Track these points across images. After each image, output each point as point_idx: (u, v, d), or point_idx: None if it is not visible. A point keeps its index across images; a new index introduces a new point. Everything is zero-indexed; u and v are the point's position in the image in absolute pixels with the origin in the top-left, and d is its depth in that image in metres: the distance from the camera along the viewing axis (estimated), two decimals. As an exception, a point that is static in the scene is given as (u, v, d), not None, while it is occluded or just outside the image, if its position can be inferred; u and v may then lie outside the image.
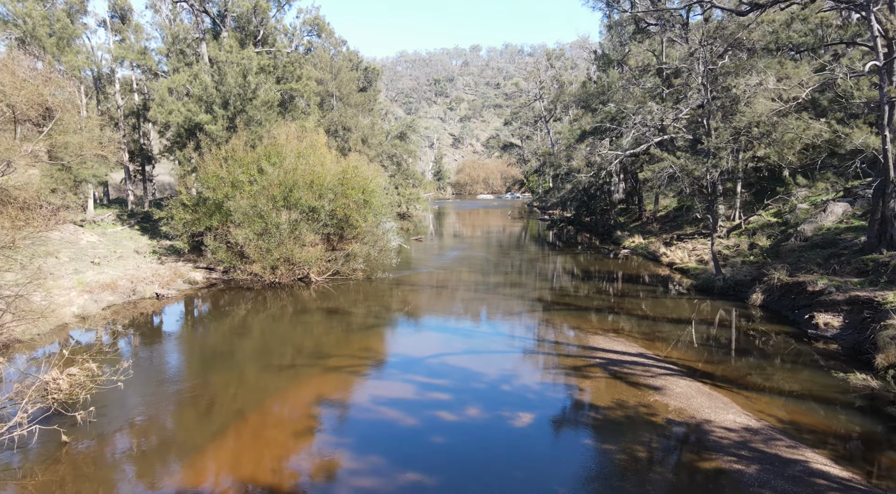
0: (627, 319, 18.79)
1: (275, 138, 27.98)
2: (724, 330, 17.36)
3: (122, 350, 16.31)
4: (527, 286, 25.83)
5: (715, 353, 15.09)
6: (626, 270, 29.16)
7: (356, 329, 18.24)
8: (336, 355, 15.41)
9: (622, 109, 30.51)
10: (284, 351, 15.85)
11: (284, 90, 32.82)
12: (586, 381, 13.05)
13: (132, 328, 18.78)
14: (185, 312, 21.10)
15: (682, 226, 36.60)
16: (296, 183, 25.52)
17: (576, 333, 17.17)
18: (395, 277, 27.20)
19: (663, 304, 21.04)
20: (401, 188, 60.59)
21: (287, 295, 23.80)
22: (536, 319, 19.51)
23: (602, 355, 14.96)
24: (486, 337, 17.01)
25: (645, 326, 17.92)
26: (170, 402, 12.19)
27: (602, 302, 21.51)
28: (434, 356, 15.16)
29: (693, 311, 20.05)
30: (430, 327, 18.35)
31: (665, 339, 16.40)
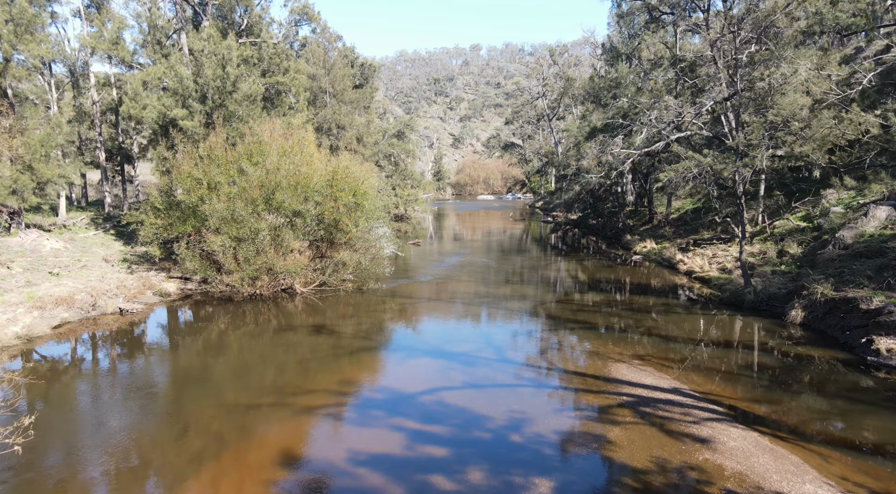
0: (651, 341, 16.37)
1: (258, 136, 25.57)
2: (766, 356, 14.93)
3: (50, 387, 13.88)
4: (533, 298, 23.41)
5: (763, 387, 12.67)
6: (641, 279, 26.74)
7: (340, 353, 15.81)
8: (313, 389, 12.98)
9: (635, 104, 28.08)
10: (252, 384, 13.43)
11: (270, 84, 30.40)
12: (614, 429, 10.62)
13: (76, 352, 16.36)
14: (147, 331, 18.68)
15: (698, 229, 34.18)
16: (279, 184, 23.09)
17: (594, 359, 14.74)
18: (390, 287, 24.78)
19: (690, 321, 18.61)
20: (398, 189, 58.24)
21: (269, 308, 21.41)
22: (547, 341, 17.08)
23: (628, 390, 12.54)
24: (491, 364, 14.58)
25: (673, 350, 15.49)
26: (88, 460, 9.77)
27: (620, 319, 19.08)
28: (429, 391, 12.74)
29: (725, 331, 17.62)
30: (426, 350, 15.93)
31: (700, 368, 13.98)
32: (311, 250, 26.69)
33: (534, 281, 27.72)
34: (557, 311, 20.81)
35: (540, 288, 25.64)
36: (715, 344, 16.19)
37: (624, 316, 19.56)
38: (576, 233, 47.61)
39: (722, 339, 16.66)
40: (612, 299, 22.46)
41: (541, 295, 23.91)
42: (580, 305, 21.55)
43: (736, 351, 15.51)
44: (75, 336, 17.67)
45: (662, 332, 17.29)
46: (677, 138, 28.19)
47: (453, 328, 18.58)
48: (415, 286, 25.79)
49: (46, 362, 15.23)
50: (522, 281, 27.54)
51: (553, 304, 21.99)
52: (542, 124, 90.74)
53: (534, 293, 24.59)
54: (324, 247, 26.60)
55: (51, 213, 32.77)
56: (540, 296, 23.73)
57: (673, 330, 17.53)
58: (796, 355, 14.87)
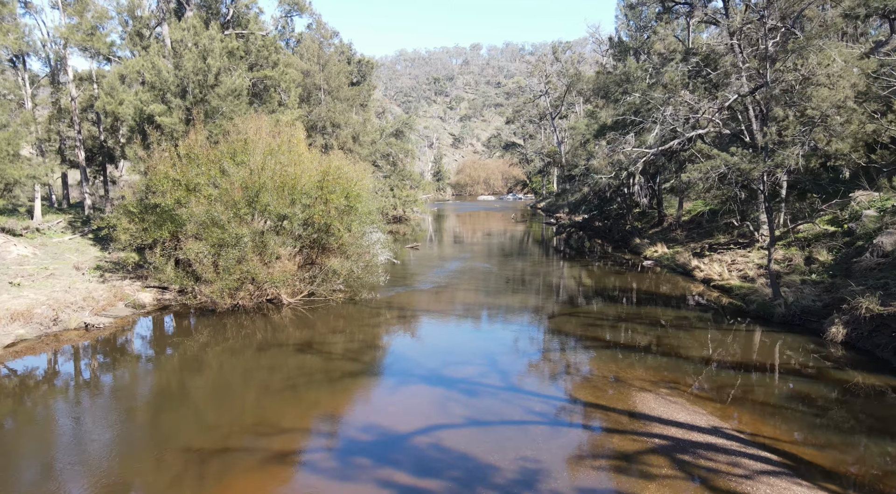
0: (677, 363, 14.46)
1: (244, 133, 23.68)
2: (814, 385, 13.01)
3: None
4: (540, 310, 21.51)
5: (823, 428, 10.76)
6: (655, 288, 24.82)
7: (324, 378, 13.90)
8: (289, 428, 11.07)
9: (648, 99, 26.18)
10: (219, 420, 11.52)
11: (258, 78, 28.50)
12: (650, 487, 8.71)
13: (28, 376, 14.44)
14: (111, 351, 16.75)
15: (713, 233, 32.26)
16: (264, 186, 21.18)
17: (615, 387, 12.84)
18: (385, 297, 22.88)
19: (716, 338, 16.70)
20: (396, 190, 56.38)
21: (252, 321, 19.52)
22: (559, 363, 15.17)
23: (660, 429, 10.63)
24: (496, 394, 12.68)
25: (704, 375, 13.59)
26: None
27: (638, 335, 17.17)
28: (425, 430, 10.83)
29: (758, 350, 15.71)
30: (422, 375, 14.02)
31: (740, 399, 12.07)
32: (301, 256, 24.83)
33: (539, 289, 25.81)
34: (567, 325, 18.90)
35: (546, 298, 23.73)
36: (750, 367, 14.27)
37: (642, 331, 17.65)
38: (581, 236, 45.70)
39: (757, 361, 14.74)
40: (627, 311, 20.55)
41: (548, 306, 22.01)
42: (592, 318, 19.64)
43: (776, 376, 13.59)
44: (32, 355, 15.77)
45: (688, 352, 15.38)
46: (691, 137, 26.32)
47: (453, 346, 16.66)
48: (412, 295, 23.88)
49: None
50: (527, 290, 25.63)
51: (562, 317, 20.09)
52: (544, 123, 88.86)
53: (540, 304, 22.68)
54: (314, 254, 24.72)
55: (26, 216, 30.87)
56: (547, 308, 21.82)
57: (699, 350, 15.62)
58: (848, 383, 12.95)
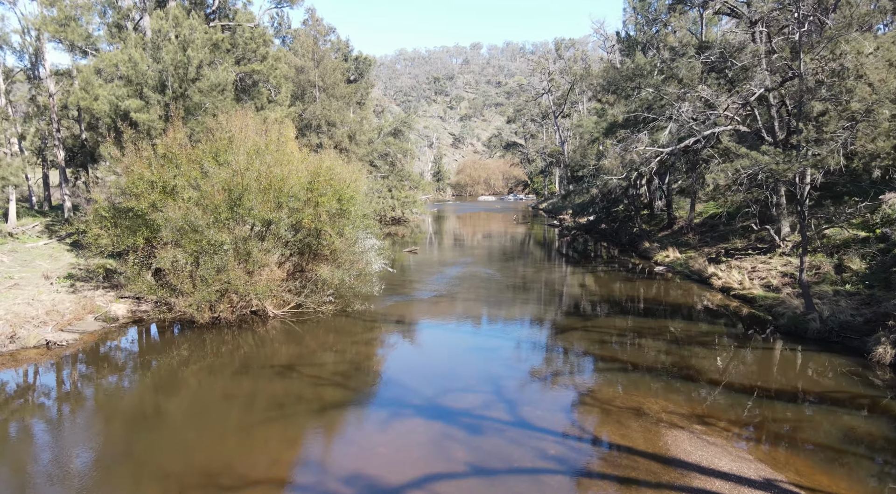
0: (709, 391, 12.72)
1: (229, 131, 21.97)
2: (872, 420, 11.24)
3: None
4: (549, 323, 19.78)
5: (893, 478, 9.02)
6: (671, 297, 23.08)
7: (304, 410, 12.15)
8: (257, 479, 9.31)
9: (662, 95, 24.44)
10: (175, 466, 9.75)
11: (245, 73, 26.76)
12: (700, 567, 6.96)
13: (-22, 405, 12.70)
14: (70, 373, 14.99)
15: (728, 237, 30.51)
16: (247, 188, 19.43)
17: (641, 424, 11.08)
18: (379, 309, 21.14)
19: (748, 359, 14.96)
20: (395, 190, 54.71)
21: (233, 336, 17.80)
22: (574, 390, 13.41)
23: (700, 481, 8.88)
24: (503, 431, 10.93)
25: (741, 406, 11.85)
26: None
27: (659, 355, 15.43)
28: (419, 482, 9.08)
29: (799, 375, 13.96)
30: (417, 406, 12.28)
31: (792, 440, 10.31)
32: (290, 263, 23.14)
33: (545, 299, 24.06)
34: (579, 342, 17.16)
35: (554, 309, 21.99)
36: (794, 396, 12.52)
37: (662, 349, 15.91)
38: (586, 239, 43.95)
39: (800, 389, 12.99)
40: (643, 324, 18.80)
41: (556, 319, 20.27)
42: (606, 333, 17.88)
43: (826, 409, 11.84)
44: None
45: (718, 376, 13.64)
46: (707, 135, 24.58)
47: (452, 368, 14.91)
48: (409, 306, 22.14)
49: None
50: (532, 300, 23.88)
51: (572, 332, 18.34)
52: (546, 122, 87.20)
53: (547, 315, 20.94)
54: (304, 261, 23.01)
55: (1, 219, 29.16)
56: (555, 320, 20.08)
57: (731, 373, 13.88)
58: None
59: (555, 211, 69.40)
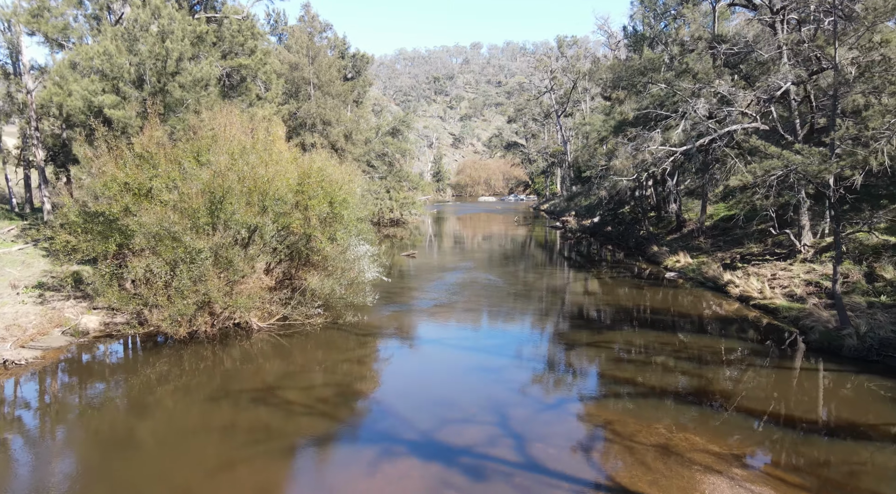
0: (745, 423, 11.18)
1: (213, 130, 20.46)
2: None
3: None
4: (558, 338, 18.25)
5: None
6: (686, 307, 21.55)
7: (281, 448, 10.60)
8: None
9: (675, 90, 22.90)
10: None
11: (233, 68, 25.21)
12: None
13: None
14: (24, 399, 13.44)
15: (743, 242, 28.97)
16: (229, 190, 17.88)
17: (670, 465, 9.53)
18: (373, 320, 19.61)
19: (784, 382, 13.41)
20: (393, 191, 53.19)
21: (214, 353, 16.27)
22: (590, 422, 11.86)
23: (750, 546, 7.34)
24: (512, 476, 9.39)
25: (787, 443, 10.30)
26: None
27: (681, 376, 13.88)
28: (412, 548, 7.54)
29: (843, 400, 12.40)
30: (412, 443, 10.74)
31: (853, 491, 8.78)
32: (279, 270, 21.65)
33: (552, 309, 22.53)
34: (591, 361, 15.62)
35: (561, 322, 20.46)
36: (843, 429, 10.97)
37: (685, 370, 14.37)
38: (591, 242, 42.39)
39: (847, 420, 11.44)
40: (659, 339, 17.26)
41: (564, 333, 18.74)
42: (619, 349, 16.33)
43: (882, 446, 10.28)
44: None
45: (752, 403, 12.10)
46: (722, 134, 23.05)
47: (452, 394, 13.36)
48: (405, 318, 20.60)
49: None
50: (538, 310, 22.36)
51: (582, 349, 16.81)
52: (548, 121, 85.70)
53: (554, 329, 19.41)
54: (293, 269, 21.49)
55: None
56: (563, 334, 18.55)
57: (766, 400, 12.34)
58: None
59: (557, 212, 67.87)
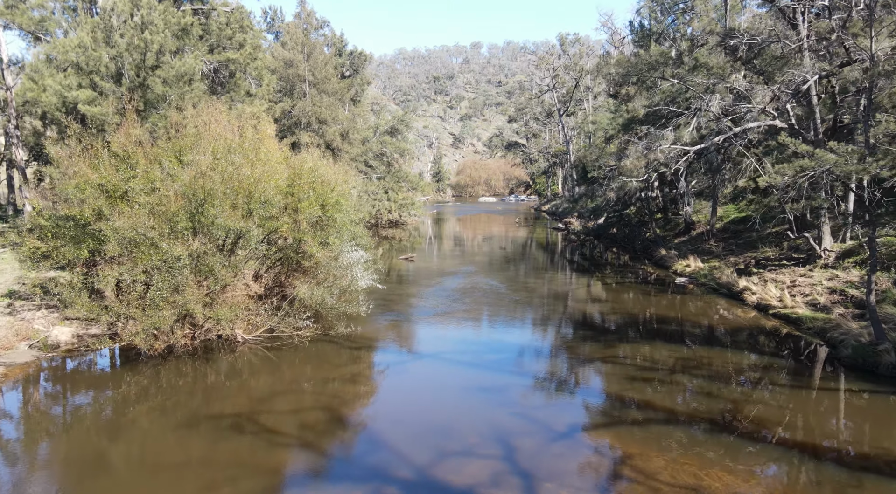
0: (785, 458, 9.86)
1: (195, 127, 19.17)
2: None
3: None
4: (566, 353, 16.95)
5: None
6: (701, 317, 20.24)
7: (262, 487, 9.29)
8: None
9: (688, 86, 21.59)
10: None
11: (221, 62, 23.90)
12: None
13: None
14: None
15: (756, 245, 27.64)
16: (211, 193, 16.57)
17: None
18: (366, 332, 18.29)
19: (820, 407, 12.09)
20: (391, 192, 51.89)
21: (193, 369, 14.97)
22: (609, 458, 10.54)
23: None
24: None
25: (835, 484, 8.99)
26: None
27: (709, 401, 12.55)
28: None
29: (891, 429, 11.09)
30: (403, 485, 9.42)
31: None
32: (269, 276, 20.38)
33: (558, 319, 21.23)
34: (604, 380, 14.30)
35: (569, 333, 19.15)
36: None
37: (707, 391, 13.04)
38: (595, 245, 41.05)
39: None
40: (677, 354, 15.96)
41: (573, 346, 17.42)
42: (633, 366, 15.01)
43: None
44: None
45: (787, 432, 10.77)
46: (737, 132, 21.74)
47: (450, 420, 12.04)
48: (400, 329, 19.29)
49: None
50: (543, 319, 21.06)
51: (596, 365, 15.50)
52: (549, 121, 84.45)
53: (562, 341, 18.09)
54: (282, 275, 20.20)
55: (-48, 226, 26.34)
56: (573, 348, 17.24)
57: (803, 429, 11.02)
58: None
59: (559, 213, 66.60)
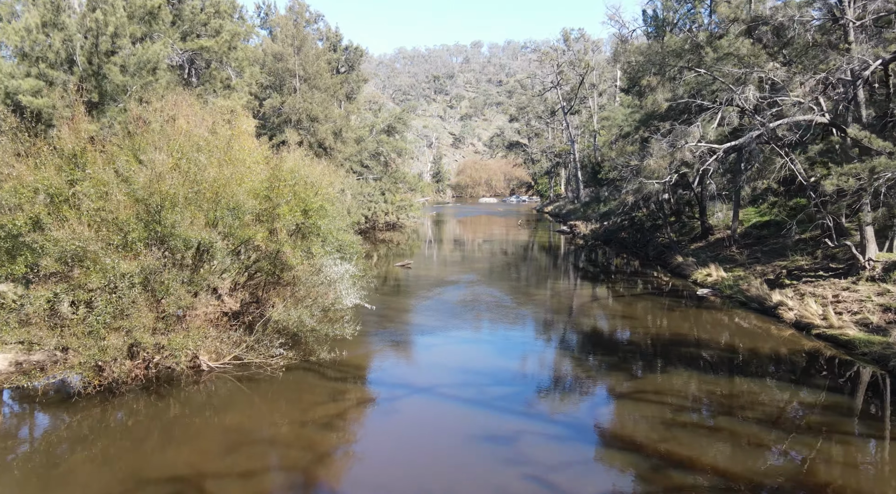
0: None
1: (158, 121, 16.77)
2: None
3: None
4: (583, 383, 14.53)
5: None
6: (734, 337, 17.82)
7: None
8: None
9: (716, 76, 19.18)
10: None
11: (194, 51, 21.49)
12: None
13: None
14: None
15: (785, 253, 25.19)
16: (170, 198, 14.14)
17: None
18: (352, 359, 15.86)
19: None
20: (388, 194, 49.51)
21: (146, 406, 12.58)
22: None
23: None
24: None
25: None
26: None
27: (766, 456, 10.13)
28: None
29: None
30: None
31: None
32: (245, 291, 18.08)
33: (573, 341, 18.83)
34: (635, 424, 11.86)
35: (586, 359, 16.74)
36: None
37: (765, 442, 10.61)
38: (605, 251, 38.59)
39: None
40: (717, 387, 13.54)
41: (593, 376, 15.01)
42: (669, 405, 12.57)
43: None
44: None
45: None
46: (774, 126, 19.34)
47: (449, 485, 9.61)
48: (390, 354, 16.87)
49: None
50: (556, 342, 18.65)
51: (620, 406, 13.07)
52: (552, 120, 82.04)
53: (580, 372, 15.66)
54: (260, 290, 17.82)
55: None
56: (592, 379, 14.83)
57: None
58: None
59: (563, 215, 64.21)
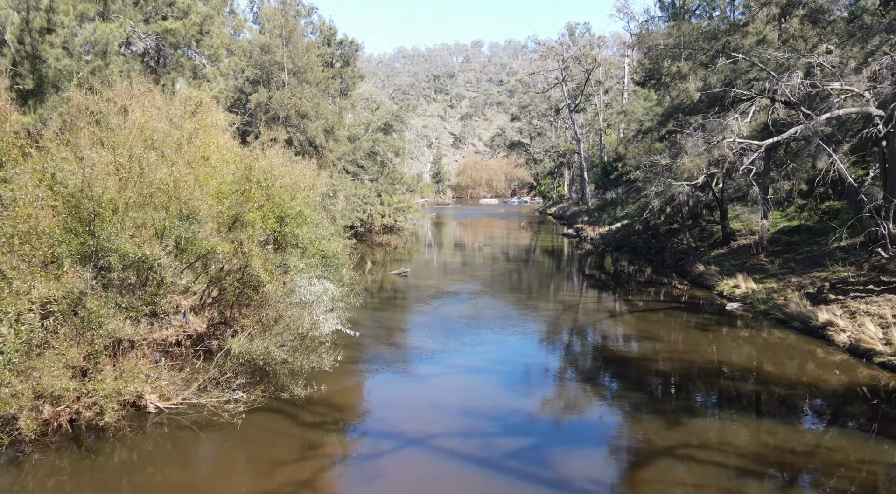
0: None
1: (102, 113, 14.22)
2: None
3: None
4: (608, 428, 11.95)
5: None
6: (778, 365, 15.20)
7: None
8: None
9: (755, 61, 16.57)
10: None
11: (159, 34, 18.92)
12: None
13: None
14: None
15: (822, 262, 22.60)
16: (109, 204, 11.57)
17: None
18: (331, 394, 13.24)
19: None
20: (385, 195, 46.92)
21: (72, 462, 10.05)
22: None
23: None
24: None
25: None
26: None
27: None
28: None
29: None
30: None
31: None
32: (212, 311, 15.62)
33: (590, 369, 16.24)
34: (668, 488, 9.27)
35: (609, 395, 14.15)
36: None
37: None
38: (616, 256, 35.97)
39: None
40: (774, 436, 10.95)
41: (621, 417, 12.41)
42: (718, 464, 9.96)
43: None
44: None
45: None
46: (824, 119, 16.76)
47: None
48: (377, 392, 14.27)
49: None
50: (572, 370, 16.06)
51: (657, 464, 10.47)
52: (556, 118, 79.49)
53: (604, 412, 13.05)
54: (227, 310, 15.35)
55: None
56: (621, 421, 12.24)
57: None
58: None
59: (567, 217, 61.66)
